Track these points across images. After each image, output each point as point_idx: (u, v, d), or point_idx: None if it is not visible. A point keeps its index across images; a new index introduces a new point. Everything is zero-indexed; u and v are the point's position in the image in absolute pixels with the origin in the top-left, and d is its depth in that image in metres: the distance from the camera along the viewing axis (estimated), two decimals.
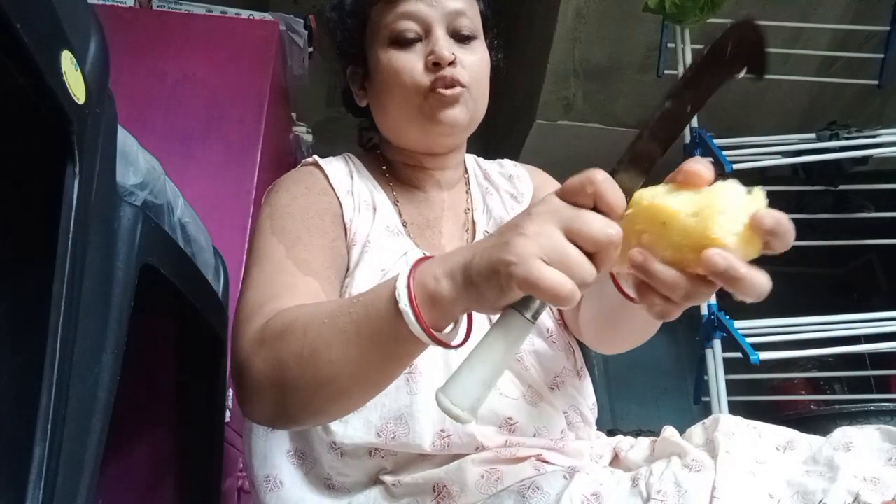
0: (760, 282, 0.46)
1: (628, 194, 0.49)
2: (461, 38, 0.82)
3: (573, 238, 0.46)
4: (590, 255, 0.46)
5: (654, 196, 0.49)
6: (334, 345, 0.55)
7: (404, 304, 0.50)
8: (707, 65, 0.50)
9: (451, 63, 0.79)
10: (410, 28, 0.80)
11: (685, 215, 0.46)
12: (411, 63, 0.80)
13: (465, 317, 0.54)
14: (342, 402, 0.58)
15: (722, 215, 0.45)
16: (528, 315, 0.48)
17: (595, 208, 0.47)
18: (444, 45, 0.79)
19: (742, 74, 0.51)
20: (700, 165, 0.49)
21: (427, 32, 0.81)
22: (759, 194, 0.48)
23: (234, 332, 0.66)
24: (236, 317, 0.68)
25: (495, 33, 0.92)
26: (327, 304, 0.61)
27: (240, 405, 0.63)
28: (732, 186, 0.48)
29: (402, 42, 0.80)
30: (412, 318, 0.50)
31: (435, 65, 0.79)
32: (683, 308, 0.50)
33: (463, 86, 0.79)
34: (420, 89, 0.79)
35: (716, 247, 0.45)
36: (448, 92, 0.79)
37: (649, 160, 0.51)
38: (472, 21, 0.83)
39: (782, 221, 0.46)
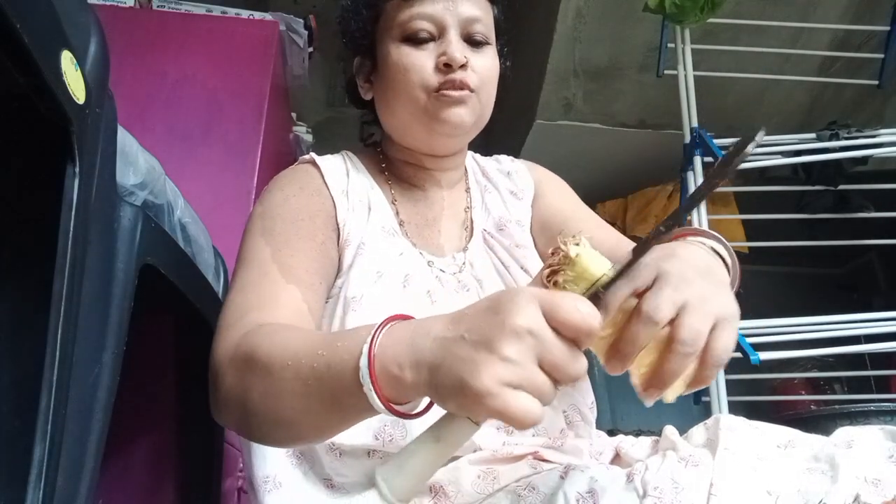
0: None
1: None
2: (474, 42, 0.82)
3: (546, 367, 0.45)
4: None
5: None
6: (297, 393, 0.54)
7: (368, 389, 0.49)
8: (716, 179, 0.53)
9: (463, 66, 0.79)
10: (425, 28, 0.80)
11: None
12: (421, 61, 0.80)
13: None
14: (300, 441, 0.60)
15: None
16: (477, 420, 0.48)
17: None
18: (458, 48, 0.79)
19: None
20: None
21: (441, 33, 0.81)
22: None
23: (215, 335, 0.67)
24: (219, 321, 0.68)
25: (505, 40, 0.92)
26: (295, 340, 0.58)
27: (210, 407, 0.64)
28: None
29: (415, 40, 0.81)
30: (374, 397, 0.49)
31: (446, 66, 0.79)
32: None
33: (471, 90, 0.80)
34: (427, 88, 0.80)
35: None
36: (455, 93, 0.79)
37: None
38: (485, 28, 0.83)
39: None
